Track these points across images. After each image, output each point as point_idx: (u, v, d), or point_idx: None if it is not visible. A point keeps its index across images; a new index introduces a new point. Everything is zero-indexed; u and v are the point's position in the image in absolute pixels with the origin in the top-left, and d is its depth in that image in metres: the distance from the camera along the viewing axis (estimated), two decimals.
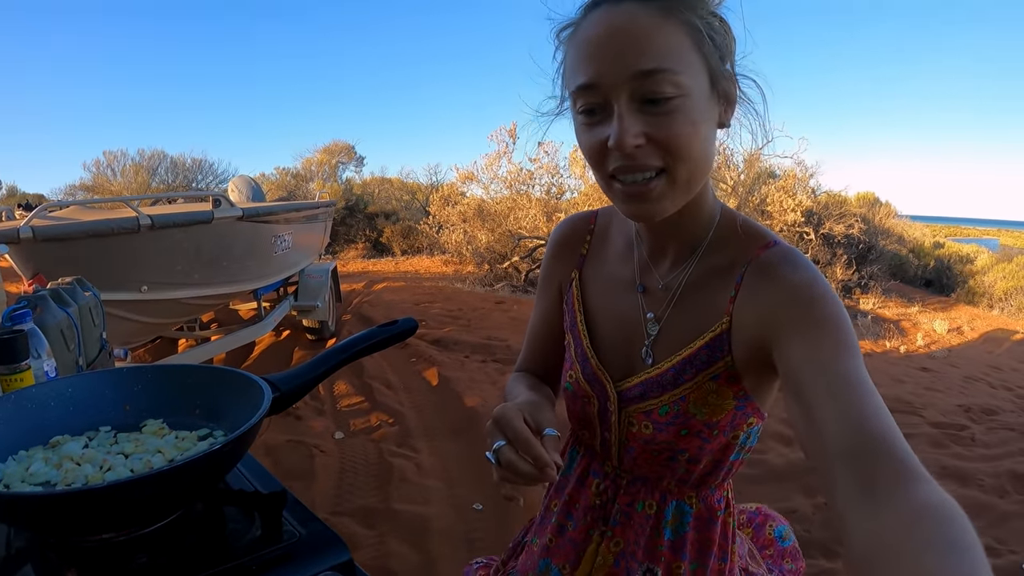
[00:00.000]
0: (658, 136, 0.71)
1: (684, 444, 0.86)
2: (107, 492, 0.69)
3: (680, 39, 0.71)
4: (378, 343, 1.07)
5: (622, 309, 0.91)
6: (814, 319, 0.72)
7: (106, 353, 1.78)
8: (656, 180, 0.74)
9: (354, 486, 3.41)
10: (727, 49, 0.77)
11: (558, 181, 14.11)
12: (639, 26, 0.71)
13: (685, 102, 0.71)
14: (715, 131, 0.78)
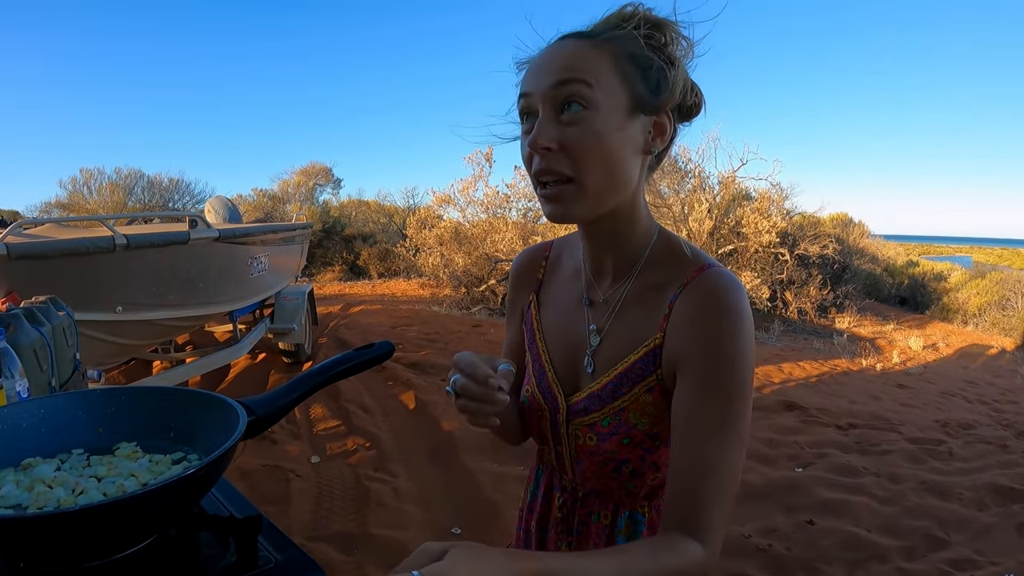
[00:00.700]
0: (567, 143, 0.80)
1: (626, 454, 0.92)
2: (79, 516, 0.67)
3: (601, 62, 0.82)
4: (355, 366, 1.06)
5: (572, 323, 0.99)
6: (718, 380, 0.81)
7: (79, 374, 1.75)
8: (567, 185, 0.82)
9: (331, 511, 3.37)
10: (662, 81, 0.84)
11: (535, 205, 14.20)
12: (569, 51, 0.83)
13: (593, 115, 0.80)
14: (636, 154, 0.86)
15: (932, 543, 3.34)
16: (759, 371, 7.45)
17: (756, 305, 12.30)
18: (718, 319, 0.82)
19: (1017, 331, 13.71)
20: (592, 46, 0.83)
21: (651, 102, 0.84)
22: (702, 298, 0.84)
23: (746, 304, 0.83)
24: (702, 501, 0.80)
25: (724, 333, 0.81)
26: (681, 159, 13.24)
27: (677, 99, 0.86)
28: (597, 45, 0.83)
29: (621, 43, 0.83)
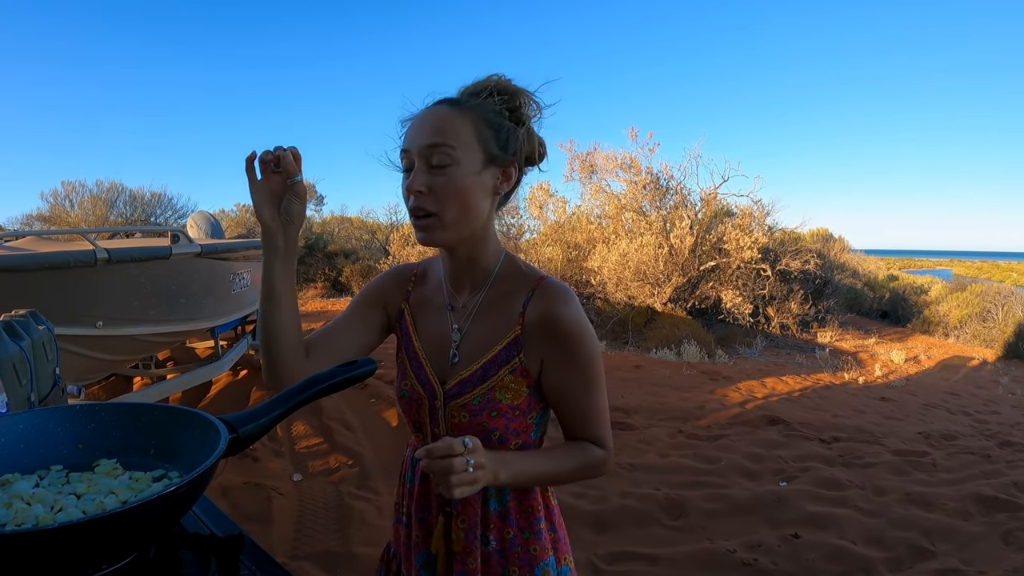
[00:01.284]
0: (434, 188, 1.08)
1: (494, 424, 1.14)
2: (58, 534, 0.66)
3: (464, 127, 1.09)
4: (337, 383, 1.05)
5: (439, 325, 1.23)
6: (573, 357, 1.12)
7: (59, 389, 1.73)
8: (432, 219, 1.09)
9: (313, 529, 3.33)
10: (511, 139, 1.13)
11: (518, 221, 14.26)
12: (439, 116, 1.10)
13: (455, 170, 1.07)
14: (487, 195, 1.13)
15: (918, 554, 3.35)
16: (742, 386, 7.48)
17: (739, 321, 12.38)
18: (564, 314, 1.12)
19: (998, 342, 13.88)
20: (458, 113, 1.10)
21: (501, 157, 1.12)
22: (550, 300, 1.13)
23: (580, 308, 1.14)
24: (593, 429, 1.18)
25: (571, 322, 1.11)
26: (663, 176, 13.34)
27: (524, 153, 1.16)
28: (462, 112, 1.10)
29: (480, 110, 1.11)
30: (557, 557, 1.23)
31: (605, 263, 12.35)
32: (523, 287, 1.17)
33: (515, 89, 1.15)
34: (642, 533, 3.47)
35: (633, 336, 11.60)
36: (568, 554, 1.27)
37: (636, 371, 8.05)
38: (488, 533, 1.19)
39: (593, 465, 1.17)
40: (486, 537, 1.19)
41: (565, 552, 1.26)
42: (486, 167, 1.11)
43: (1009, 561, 3.31)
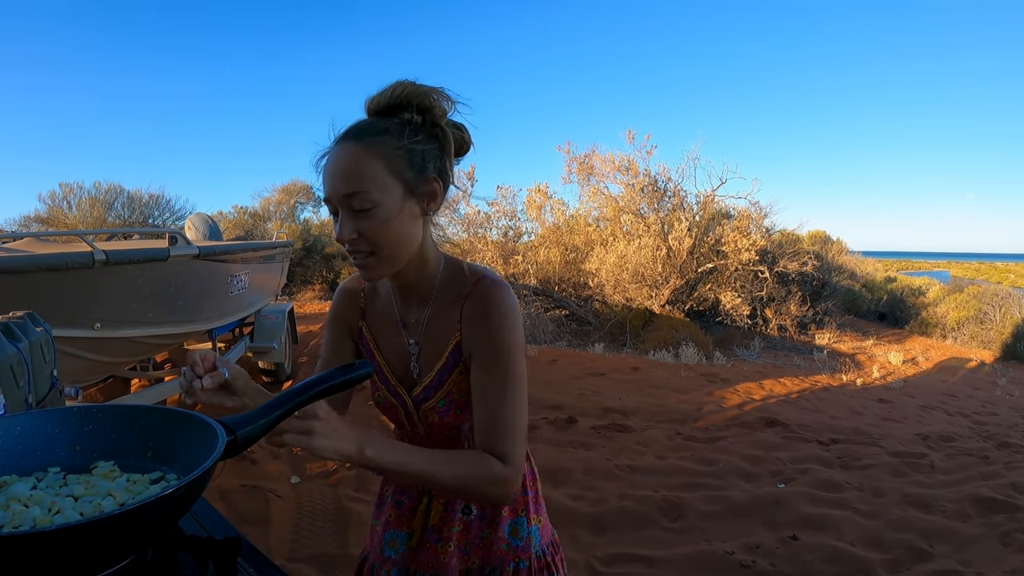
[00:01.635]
0: (363, 232, 1.09)
1: (463, 418, 1.23)
2: (56, 536, 0.66)
3: (375, 167, 1.07)
4: (335, 386, 1.05)
5: (395, 340, 1.28)
6: (489, 353, 1.14)
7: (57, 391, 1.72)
8: (369, 258, 1.12)
9: (311, 532, 3.33)
10: (428, 156, 1.12)
11: (515, 224, 14.26)
12: (346, 160, 1.08)
13: (378, 211, 1.08)
14: (416, 220, 1.14)
15: (916, 555, 3.36)
16: (740, 387, 7.49)
17: (737, 323, 12.38)
18: (489, 315, 1.15)
19: (995, 344, 13.89)
20: (365, 150, 1.08)
21: (420, 181, 1.11)
22: (479, 302, 1.17)
23: (511, 301, 1.16)
24: (499, 439, 1.11)
25: (494, 326, 1.14)
26: (661, 178, 13.36)
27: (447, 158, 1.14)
28: (369, 149, 1.08)
29: (390, 137, 1.09)
30: (528, 518, 1.31)
31: (603, 265, 12.36)
32: (462, 292, 1.20)
33: (422, 92, 1.12)
34: (640, 535, 3.47)
35: (631, 338, 11.60)
36: (541, 515, 1.35)
37: (634, 373, 8.05)
38: (470, 503, 1.28)
39: (487, 479, 1.08)
40: (467, 507, 1.28)
41: (536, 513, 1.34)
42: (407, 197, 1.11)
43: (1007, 562, 3.31)
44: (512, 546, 1.29)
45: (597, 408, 5.85)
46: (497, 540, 1.28)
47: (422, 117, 1.12)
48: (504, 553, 1.28)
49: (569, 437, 5.05)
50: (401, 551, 1.31)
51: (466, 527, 1.28)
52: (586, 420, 5.46)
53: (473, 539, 1.28)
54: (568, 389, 6.69)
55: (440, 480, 1.05)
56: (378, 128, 1.10)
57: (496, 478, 1.08)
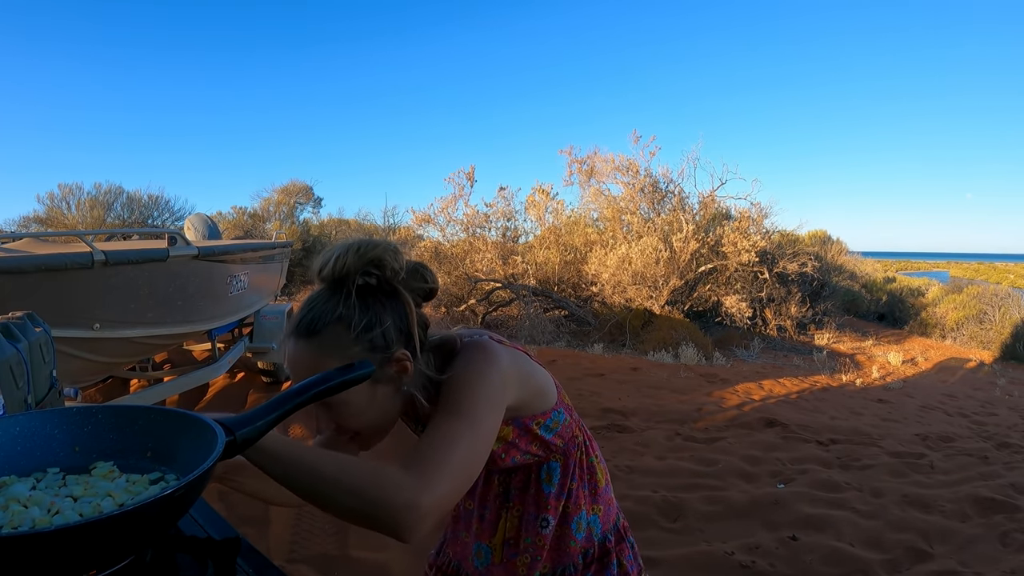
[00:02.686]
0: (340, 423, 1.11)
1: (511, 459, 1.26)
2: (55, 536, 0.66)
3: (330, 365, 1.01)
4: (334, 386, 1.05)
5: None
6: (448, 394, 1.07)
7: (56, 392, 1.72)
8: (359, 439, 1.16)
9: (310, 532, 3.33)
10: (388, 331, 1.08)
11: (514, 224, 14.26)
12: (303, 364, 1.05)
13: (346, 408, 1.08)
14: (392, 396, 1.12)
15: (916, 556, 3.36)
16: (739, 388, 7.49)
17: (737, 323, 12.39)
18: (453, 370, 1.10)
19: (995, 344, 13.89)
20: (319, 352, 1.05)
21: (385, 364, 1.08)
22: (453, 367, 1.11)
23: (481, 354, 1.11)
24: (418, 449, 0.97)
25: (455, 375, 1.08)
26: (662, 179, 13.36)
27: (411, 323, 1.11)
28: (323, 349, 1.05)
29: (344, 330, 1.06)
30: (586, 510, 1.32)
31: (603, 267, 12.36)
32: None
33: (371, 258, 1.06)
34: (640, 535, 3.45)
35: (630, 338, 11.60)
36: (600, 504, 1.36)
37: (633, 373, 8.05)
38: (547, 515, 1.28)
39: (379, 483, 0.89)
40: (544, 520, 1.28)
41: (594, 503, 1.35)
42: (375, 386, 1.08)
43: (1007, 562, 3.31)
44: (577, 540, 1.30)
45: (596, 409, 5.85)
46: (566, 537, 1.29)
47: (376, 279, 1.08)
48: (572, 549, 1.30)
49: None
50: (487, 563, 1.33)
51: (544, 540, 1.29)
52: (585, 420, 5.37)
53: (550, 548, 1.30)
54: (567, 389, 6.59)
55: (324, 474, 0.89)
56: (328, 318, 1.06)
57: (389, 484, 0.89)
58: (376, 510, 0.88)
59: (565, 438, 1.31)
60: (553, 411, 1.28)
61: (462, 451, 0.98)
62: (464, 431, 1.00)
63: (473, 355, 1.11)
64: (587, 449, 1.37)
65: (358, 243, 1.07)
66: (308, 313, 1.08)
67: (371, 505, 0.88)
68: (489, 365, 1.09)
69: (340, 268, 1.05)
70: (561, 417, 1.31)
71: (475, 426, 1.02)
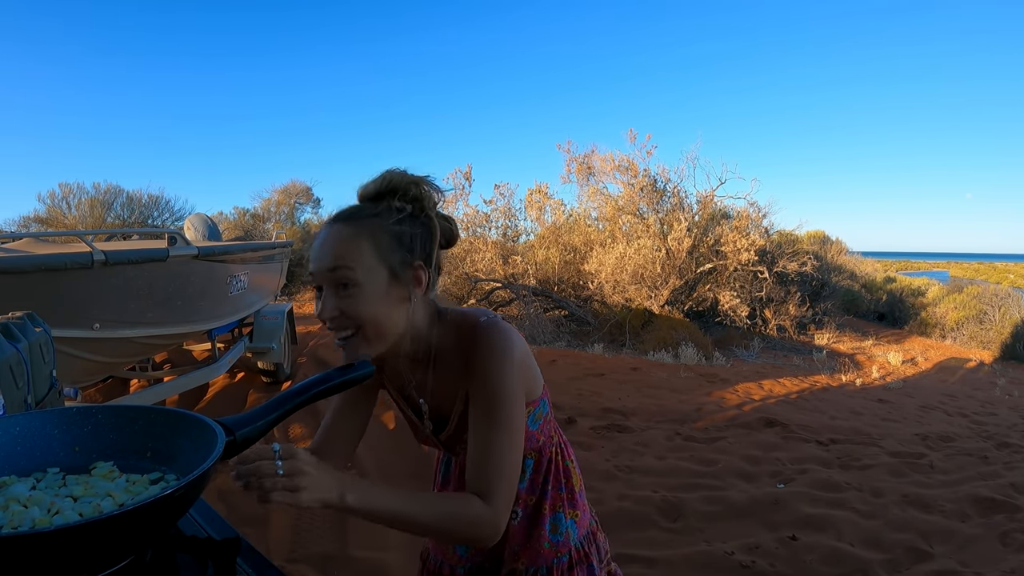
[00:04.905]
0: (345, 311, 1.10)
1: None
2: (55, 536, 0.66)
3: (362, 247, 1.10)
4: (334, 386, 1.06)
5: (412, 397, 1.31)
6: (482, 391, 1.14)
7: (56, 392, 1.72)
8: (353, 337, 1.12)
9: (310, 532, 3.32)
10: (415, 242, 1.15)
11: (514, 224, 14.26)
12: (335, 240, 1.11)
13: (360, 290, 1.09)
14: (401, 303, 1.15)
15: (916, 555, 3.35)
16: (739, 388, 7.49)
17: (736, 323, 12.38)
18: (481, 356, 1.14)
19: (995, 344, 13.90)
20: (354, 231, 1.11)
21: (405, 268, 1.14)
22: (473, 351, 1.16)
23: (500, 341, 1.15)
24: (483, 476, 1.10)
25: (485, 367, 1.14)
26: (660, 179, 13.36)
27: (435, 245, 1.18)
28: (358, 230, 1.11)
29: (379, 222, 1.13)
30: (564, 513, 1.35)
31: (603, 266, 12.35)
32: (460, 347, 1.20)
33: (412, 181, 1.16)
34: (639, 535, 3.47)
35: (630, 338, 11.60)
36: (577, 509, 1.38)
37: (633, 373, 8.05)
38: (516, 507, 1.31)
39: (468, 520, 1.06)
40: (514, 512, 1.31)
41: (572, 508, 1.37)
42: (392, 282, 1.13)
43: (1007, 562, 3.31)
44: (553, 543, 1.33)
45: (596, 408, 5.85)
46: (540, 538, 1.32)
47: (411, 206, 1.16)
48: (547, 552, 1.32)
49: (568, 437, 4.96)
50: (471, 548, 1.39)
51: (512, 531, 1.32)
52: (585, 420, 5.46)
53: (519, 542, 1.33)
54: (567, 389, 6.68)
55: (422, 523, 1.03)
56: (368, 212, 1.14)
57: (477, 519, 1.06)
58: (470, 540, 1.14)
59: (545, 434, 1.35)
60: (540, 399, 1.32)
61: (511, 462, 1.13)
62: (506, 442, 1.12)
63: (494, 341, 1.15)
64: (563, 452, 1.40)
65: (403, 170, 1.17)
66: (350, 207, 1.17)
67: (465, 539, 1.15)
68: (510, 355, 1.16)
69: (385, 184, 1.15)
70: (545, 409, 1.35)
71: (512, 432, 1.13)
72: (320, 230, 1.16)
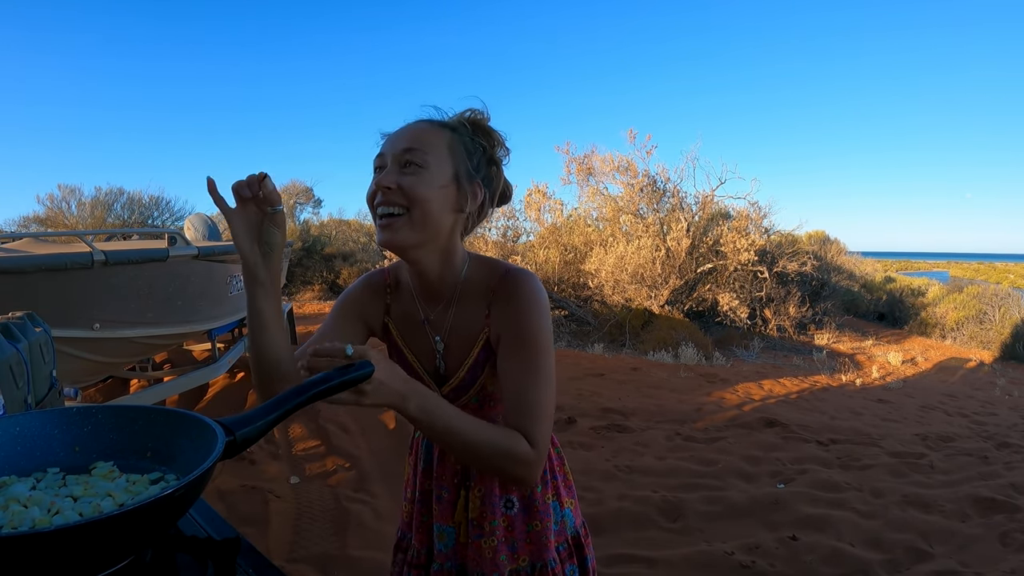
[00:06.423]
0: (403, 186, 1.12)
1: (498, 410, 1.29)
2: (55, 536, 0.66)
3: (437, 141, 1.16)
4: (334, 387, 1.05)
5: (421, 337, 1.29)
6: (518, 334, 1.16)
7: (56, 392, 1.72)
8: (399, 218, 1.13)
9: (310, 532, 3.32)
10: (481, 165, 1.21)
11: (514, 224, 14.25)
12: (416, 129, 1.17)
13: (425, 173, 1.13)
14: (452, 209, 1.18)
15: (916, 556, 3.36)
16: (739, 388, 7.49)
17: (736, 323, 12.38)
18: (516, 302, 1.17)
19: (995, 344, 13.90)
20: (435, 129, 1.18)
21: (469, 176, 1.18)
22: (506, 293, 1.19)
23: (536, 289, 1.18)
24: (529, 421, 1.12)
25: (521, 312, 1.16)
26: (660, 179, 13.36)
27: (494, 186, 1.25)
28: (440, 128, 1.18)
29: (457, 133, 1.19)
30: (560, 501, 1.35)
31: (602, 266, 12.36)
32: (489, 287, 1.22)
33: (490, 128, 1.24)
34: (639, 536, 3.47)
35: (630, 338, 11.60)
36: (572, 497, 1.39)
37: (633, 373, 8.05)
38: (511, 495, 1.31)
39: (515, 455, 1.10)
40: (510, 501, 1.30)
41: (568, 496, 1.38)
42: (453, 181, 1.17)
43: (1007, 563, 3.31)
44: (552, 531, 1.32)
45: (596, 408, 5.85)
46: (545, 532, 1.30)
47: (483, 148, 1.22)
48: (549, 543, 1.30)
49: (568, 437, 5.04)
50: (451, 545, 1.33)
51: (510, 523, 1.30)
52: (585, 420, 5.46)
53: (519, 535, 1.30)
54: (567, 389, 6.68)
55: (477, 447, 1.07)
56: (451, 124, 1.21)
57: (522, 457, 1.10)
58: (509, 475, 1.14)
59: None
60: None
61: (551, 403, 1.16)
62: (547, 389, 1.15)
63: (533, 289, 1.19)
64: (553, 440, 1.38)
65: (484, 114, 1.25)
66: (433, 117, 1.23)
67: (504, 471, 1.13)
68: (545, 304, 1.20)
69: (472, 115, 1.23)
70: None
71: (551, 378, 1.17)
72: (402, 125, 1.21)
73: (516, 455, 1.10)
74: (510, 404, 1.15)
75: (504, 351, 1.18)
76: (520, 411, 1.13)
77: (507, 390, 1.16)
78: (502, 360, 1.18)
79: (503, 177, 1.27)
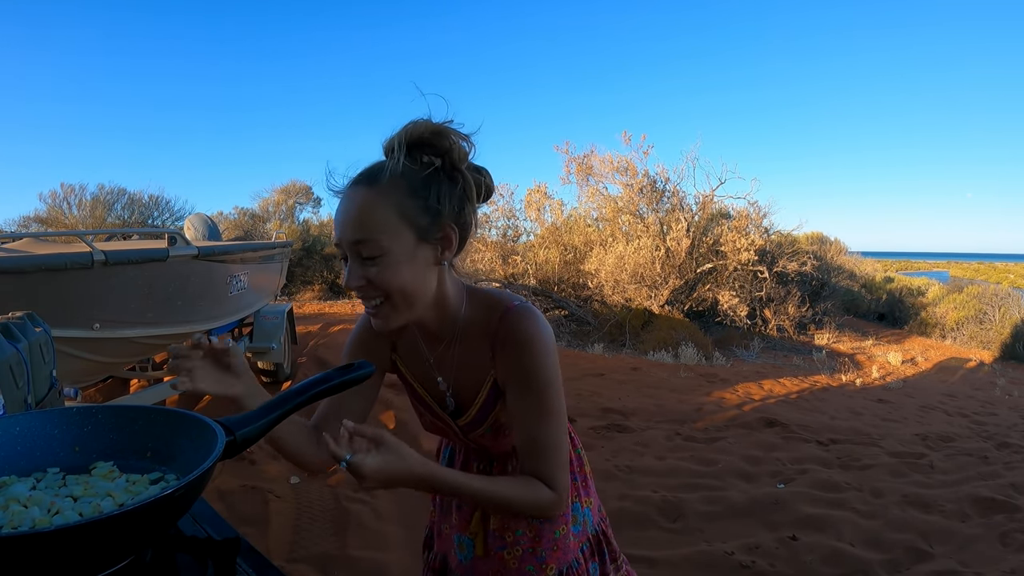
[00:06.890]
0: (372, 279, 1.07)
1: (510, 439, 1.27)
2: (55, 536, 0.66)
3: (384, 214, 1.05)
4: (334, 386, 1.06)
5: (428, 374, 1.28)
6: (525, 380, 1.15)
7: (56, 392, 1.72)
8: (381, 306, 1.10)
9: (310, 532, 3.32)
10: (442, 198, 1.08)
11: (514, 224, 14.25)
12: (356, 207, 1.06)
13: (386, 259, 1.05)
14: (429, 267, 1.12)
15: (916, 556, 3.35)
16: (739, 388, 7.49)
17: (736, 323, 12.38)
18: (518, 345, 1.14)
19: (995, 344, 13.90)
20: (376, 195, 1.05)
21: (433, 228, 1.09)
22: (507, 335, 1.15)
23: (536, 328, 1.15)
24: (546, 465, 1.14)
25: (524, 355, 1.14)
26: (659, 179, 13.36)
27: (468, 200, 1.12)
28: (380, 193, 1.05)
29: (403, 182, 1.06)
30: (580, 502, 1.36)
31: (602, 266, 12.35)
32: (490, 327, 1.18)
33: (440, 132, 1.08)
34: (640, 535, 3.47)
35: (630, 338, 11.60)
36: (591, 495, 1.41)
37: (633, 373, 8.05)
38: None
39: (539, 504, 1.13)
40: None
41: (586, 495, 1.39)
42: (419, 245, 1.08)
43: (1007, 562, 3.31)
44: (574, 534, 1.32)
45: (596, 408, 5.85)
46: (568, 535, 1.30)
47: (441, 160, 1.09)
48: (572, 545, 1.31)
49: None
50: (470, 557, 1.33)
51: (537, 532, 1.29)
52: (585, 420, 5.46)
53: (547, 544, 1.29)
54: (567, 389, 6.62)
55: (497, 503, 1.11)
56: (391, 170, 1.07)
57: (546, 503, 1.13)
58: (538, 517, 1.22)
59: None
60: None
61: (564, 443, 1.17)
62: (558, 430, 1.16)
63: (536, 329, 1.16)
64: (572, 440, 1.38)
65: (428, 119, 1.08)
66: (371, 167, 1.10)
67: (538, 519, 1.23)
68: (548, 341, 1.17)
69: (408, 137, 1.08)
70: None
71: (562, 418, 1.17)
72: (342, 192, 1.11)
73: (540, 504, 1.13)
74: (524, 448, 1.16)
75: (512, 394, 1.17)
76: (535, 455, 1.14)
77: (519, 433, 1.17)
78: (511, 402, 1.18)
79: (471, 180, 1.12)
